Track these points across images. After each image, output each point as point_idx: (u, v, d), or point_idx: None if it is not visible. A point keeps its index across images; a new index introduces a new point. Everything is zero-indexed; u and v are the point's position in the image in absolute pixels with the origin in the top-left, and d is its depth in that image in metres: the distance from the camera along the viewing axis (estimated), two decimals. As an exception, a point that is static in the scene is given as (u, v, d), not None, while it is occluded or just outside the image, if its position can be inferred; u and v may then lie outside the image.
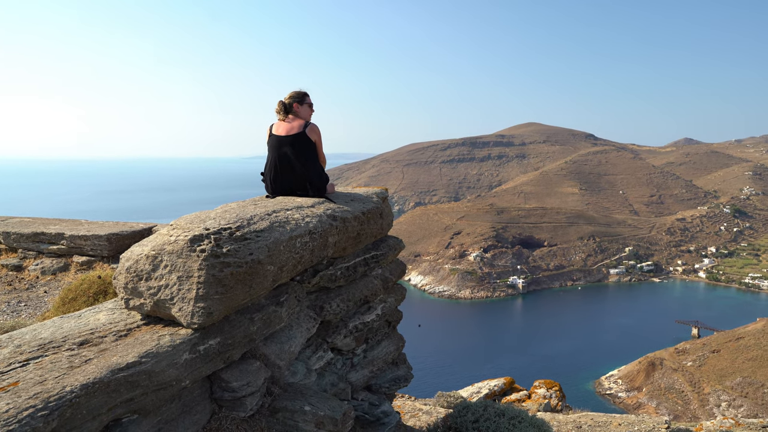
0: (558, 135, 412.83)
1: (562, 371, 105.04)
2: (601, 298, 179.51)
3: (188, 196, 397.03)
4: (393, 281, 7.46)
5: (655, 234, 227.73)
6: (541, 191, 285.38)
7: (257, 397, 4.58)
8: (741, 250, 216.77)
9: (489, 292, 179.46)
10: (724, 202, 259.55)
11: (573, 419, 12.36)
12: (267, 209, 5.36)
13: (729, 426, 11.03)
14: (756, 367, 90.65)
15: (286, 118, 6.85)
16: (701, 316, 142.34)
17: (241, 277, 4.34)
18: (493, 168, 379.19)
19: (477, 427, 6.01)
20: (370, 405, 6.82)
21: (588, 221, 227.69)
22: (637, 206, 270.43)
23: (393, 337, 7.51)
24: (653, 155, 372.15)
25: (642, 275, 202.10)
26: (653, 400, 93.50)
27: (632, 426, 11.71)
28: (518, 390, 15.94)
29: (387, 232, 7.54)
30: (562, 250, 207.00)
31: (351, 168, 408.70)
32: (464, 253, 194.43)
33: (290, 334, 5.33)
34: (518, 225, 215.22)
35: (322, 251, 5.56)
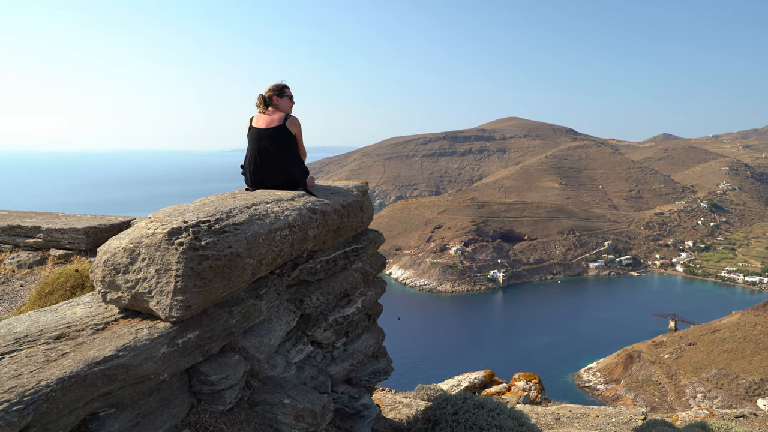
0: (539, 130, 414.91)
1: (542, 364, 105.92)
2: (580, 292, 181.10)
3: (167, 190, 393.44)
4: (373, 275, 7.47)
5: (634, 228, 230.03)
6: (521, 185, 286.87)
7: (236, 390, 4.57)
8: (717, 245, 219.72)
9: (470, 286, 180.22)
10: (702, 197, 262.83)
11: (552, 411, 12.47)
12: (246, 202, 5.33)
13: (703, 416, 11.20)
14: (731, 359, 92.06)
15: (266, 111, 6.79)
16: (678, 309, 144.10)
17: (220, 270, 4.32)
18: (474, 162, 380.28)
19: (456, 419, 6.04)
20: (350, 398, 6.83)
21: (568, 215, 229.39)
22: (616, 201, 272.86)
23: (373, 331, 7.52)
24: (632, 150, 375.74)
25: (621, 269, 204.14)
26: (631, 392, 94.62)
27: (610, 417, 11.85)
28: (498, 383, 16.04)
29: (367, 225, 7.54)
30: (542, 244, 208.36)
31: (332, 162, 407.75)
32: (445, 247, 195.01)
33: (270, 328, 5.32)
34: (499, 219, 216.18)
35: (301, 244, 5.55)
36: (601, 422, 11.53)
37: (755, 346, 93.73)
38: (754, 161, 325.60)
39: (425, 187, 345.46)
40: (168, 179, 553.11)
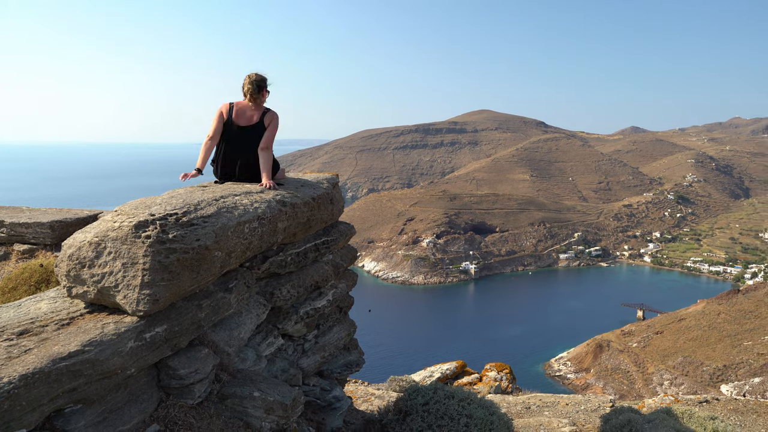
0: (510, 122, 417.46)
1: (513, 354, 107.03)
2: (551, 283, 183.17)
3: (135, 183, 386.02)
4: (344, 267, 7.46)
5: (603, 220, 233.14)
6: (493, 178, 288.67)
7: (206, 384, 4.53)
8: (683, 235, 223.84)
9: (442, 278, 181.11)
10: (668, 189, 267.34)
11: (522, 400, 12.61)
12: (215, 195, 5.28)
13: (669, 403, 11.43)
14: (696, 347, 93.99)
15: (250, 102, 6.66)
16: (646, 299, 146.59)
17: (188, 264, 4.27)
18: (445, 155, 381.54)
19: (427, 410, 6.07)
20: (321, 390, 6.83)
21: (539, 207, 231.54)
22: (585, 193, 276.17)
23: (344, 323, 7.52)
24: (601, 143, 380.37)
25: (590, 260, 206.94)
26: (600, 381, 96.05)
27: (579, 405, 12.01)
28: (470, 373, 16.17)
29: (338, 218, 7.52)
30: (514, 235, 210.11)
31: (304, 154, 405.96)
32: (417, 240, 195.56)
33: (240, 321, 5.28)
34: (470, 211, 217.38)
35: (271, 237, 5.51)
36: (570, 410, 11.69)
37: (719, 334, 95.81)
38: (719, 154, 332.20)
39: (397, 180, 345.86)
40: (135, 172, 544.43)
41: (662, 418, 7.01)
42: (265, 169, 6.45)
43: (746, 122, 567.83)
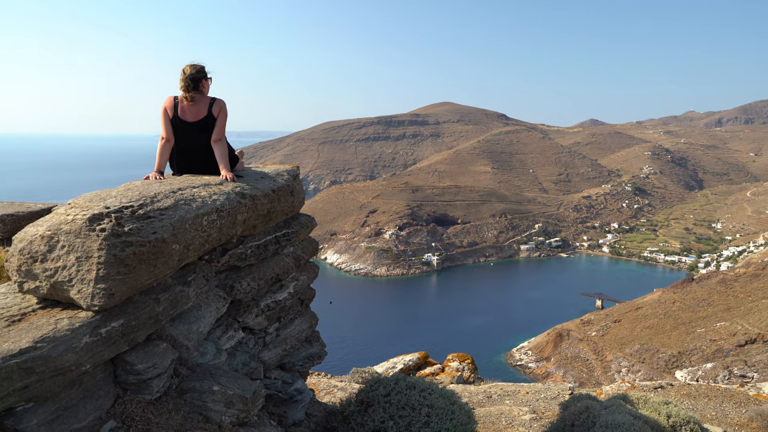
0: (471, 115, 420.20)
1: (476, 345, 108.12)
2: (512, 274, 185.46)
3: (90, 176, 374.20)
4: (305, 259, 7.42)
5: (563, 211, 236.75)
6: (454, 170, 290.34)
7: (164, 378, 4.47)
8: (641, 226, 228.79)
9: (404, 270, 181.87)
10: (626, 181, 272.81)
11: (484, 390, 12.74)
12: (172, 187, 5.19)
13: (625, 389, 11.69)
14: (652, 335, 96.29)
15: (191, 96, 6.43)
16: (604, 288, 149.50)
17: (145, 257, 4.19)
18: (408, 147, 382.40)
19: (389, 401, 6.09)
20: (283, 383, 6.79)
21: (500, 199, 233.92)
22: (546, 184, 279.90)
23: (306, 315, 7.49)
24: (561, 135, 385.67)
25: (550, 251, 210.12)
26: (561, 369, 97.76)
27: (539, 393, 12.20)
28: (432, 364, 16.29)
29: (299, 210, 7.46)
30: (475, 227, 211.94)
31: (265, 146, 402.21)
32: (380, 231, 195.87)
33: (199, 314, 5.21)
34: (433, 203, 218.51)
35: (230, 229, 5.44)
36: (530, 398, 11.86)
37: (674, 322, 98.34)
38: (674, 146, 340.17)
39: (359, 172, 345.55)
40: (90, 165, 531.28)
41: (618, 404, 7.15)
42: (222, 161, 6.34)
43: (700, 116, 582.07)
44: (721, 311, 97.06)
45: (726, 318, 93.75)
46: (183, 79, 6.40)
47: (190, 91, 6.41)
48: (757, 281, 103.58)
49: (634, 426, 6.28)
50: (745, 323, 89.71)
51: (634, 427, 6.24)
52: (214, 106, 6.48)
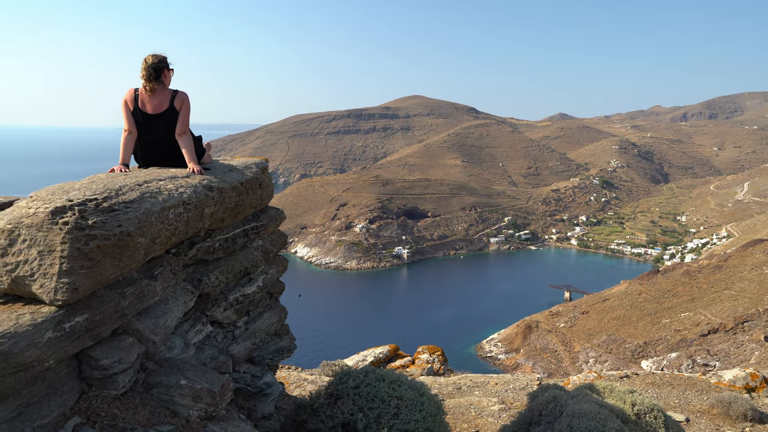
0: (441, 108, 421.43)
1: (446, 337, 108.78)
2: (482, 266, 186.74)
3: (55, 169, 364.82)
4: (274, 252, 7.39)
5: (532, 204, 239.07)
6: (425, 163, 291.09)
7: (130, 373, 4.41)
8: (608, 219, 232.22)
9: (375, 263, 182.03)
10: (594, 174, 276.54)
11: (453, 381, 12.84)
12: (138, 179, 5.11)
13: (592, 379, 11.88)
14: (619, 326, 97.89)
15: (152, 87, 6.31)
16: (573, 280, 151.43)
17: (110, 250, 4.12)
18: (378, 140, 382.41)
19: (358, 393, 6.10)
20: (252, 377, 6.76)
21: (470, 192, 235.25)
22: (515, 178, 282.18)
23: (275, 309, 7.46)
24: (531, 129, 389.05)
25: (520, 243, 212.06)
26: (530, 360, 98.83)
27: (508, 384, 12.33)
28: (403, 356, 16.36)
29: (267, 203, 7.42)
30: (446, 220, 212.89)
31: (234, 139, 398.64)
32: (350, 225, 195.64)
33: (166, 308, 5.16)
34: (403, 196, 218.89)
35: (198, 223, 5.39)
36: (499, 389, 11.99)
37: (640, 313, 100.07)
38: (641, 140, 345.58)
39: (330, 165, 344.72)
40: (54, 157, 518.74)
41: (585, 394, 7.27)
42: (188, 154, 6.26)
43: (666, 110, 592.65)
44: (685, 302, 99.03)
45: (690, 308, 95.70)
46: (144, 68, 6.27)
47: (152, 81, 6.29)
48: (720, 272, 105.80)
49: (599, 414, 6.38)
50: (708, 313, 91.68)
51: (600, 415, 6.35)
52: (176, 98, 6.38)
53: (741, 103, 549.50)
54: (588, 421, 6.25)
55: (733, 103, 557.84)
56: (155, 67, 6.30)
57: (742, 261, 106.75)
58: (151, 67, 6.27)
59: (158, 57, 6.38)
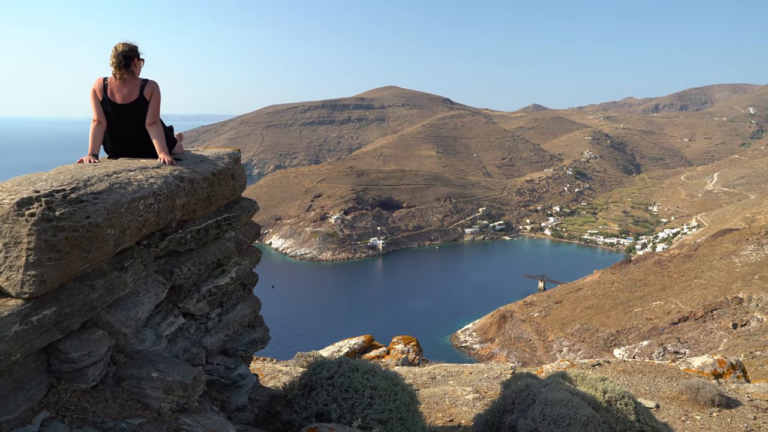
0: (416, 99, 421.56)
1: (421, 327, 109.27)
2: (456, 257, 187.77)
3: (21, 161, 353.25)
4: (247, 243, 7.34)
5: (506, 195, 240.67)
6: (399, 154, 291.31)
7: (100, 366, 4.35)
8: (581, 209, 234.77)
9: (350, 254, 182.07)
10: (567, 165, 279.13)
11: (428, 371, 12.91)
12: (107, 170, 5.04)
13: (565, 367, 12.03)
14: (592, 315, 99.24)
15: (122, 75, 6.22)
16: (547, 270, 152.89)
17: (78, 242, 4.06)
18: (353, 131, 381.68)
19: (332, 383, 6.11)
20: (225, 369, 6.74)
21: (444, 183, 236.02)
22: (490, 168, 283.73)
23: (249, 300, 7.42)
24: (505, 120, 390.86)
25: (494, 234, 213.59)
26: (504, 350, 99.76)
27: (482, 373, 12.44)
28: (378, 347, 16.41)
29: (240, 193, 7.37)
30: (420, 211, 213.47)
31: (208, 130, 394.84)
32: (325, 216, 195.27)
33: (137, 301, 5.10)
34: (378, 187, 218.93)
35: (169, 214, 5.33)
36: (473, 378, 12.09)
37: (613, 302, 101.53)
38: (614, 131, 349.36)
39: (304, 156, 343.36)
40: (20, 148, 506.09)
41: (557, 382, 7.36)
42: (159, 144, 6.19)
43: (638, 102, 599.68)
44: (657, 291, 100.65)
45: (661, 297, 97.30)
46: (114, 56, 6.18)
47: (121, 69, 6.19)
48: (690, 262, 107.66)
49: (571, 402, 6.47)
50: (678, 302, 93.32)
51: (572, 403, 6.43)
52: (146, 88, 6.29)
53: (711, 95, 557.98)
54: (560, 408, 6.33)
55: (704, 95, 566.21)
56: (125, 54, 6.21)
57: (711, 250, 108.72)
58: (121, 55, 6.18)
59: (129, 45, 6.30)
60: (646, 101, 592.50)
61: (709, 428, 9.27)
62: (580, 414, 6.31)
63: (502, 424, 6.88)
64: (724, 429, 9.24)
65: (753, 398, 10.48)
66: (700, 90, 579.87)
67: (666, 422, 8.69)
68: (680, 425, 9.34)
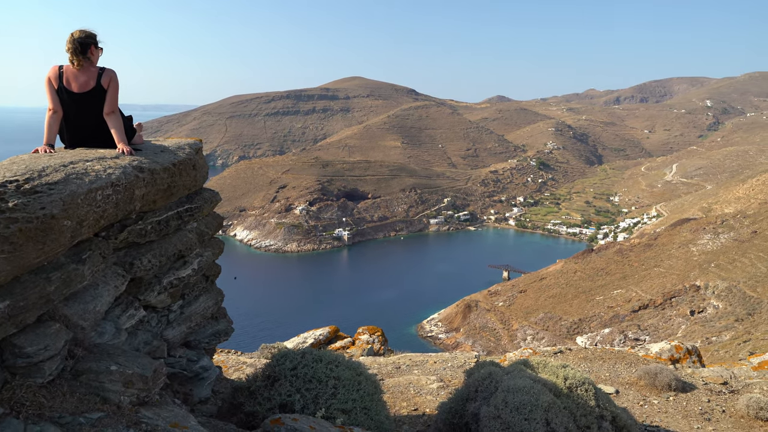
0: (381, 90, 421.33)
1: (387, 318, 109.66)
2: (422, 247, 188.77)
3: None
4: (210, 235, 7.26)
5: (471, 185, 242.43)
6: (364, 145, 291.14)
7: (57, 360, 4.27)
8: (544, 200, 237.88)
9: (315, 245, 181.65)
10: (531, 156, 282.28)
11: (393, 361, 12.97)
12: (63, 160, 4.93)
13: (527, 355, 12.21)
14: (555, 303, 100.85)
15: (79, 62, 6.08)
16: (511, 260, 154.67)
17: (32, 234, 3.96)
18: (318, 121, 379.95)
19: (295, 374, 6.10)
20: (188, 361, 6.68)
21: (410, 174, 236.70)
22: (454, 159, 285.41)
23: (211, 292, 7.36)
24: (470, 111, 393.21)
25: (459, 224, 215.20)
26: (470, 339, 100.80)
27: (446, 363, 12.54)
28: (343, 337, 16.44)
29: (202, 184, 7.27)
30: (386, 201, 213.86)
31: (170, 120, 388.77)
32: (290, 207, 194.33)
33: (95, 293, 5.01)
34: (343, 178, 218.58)
35: (128, 205, 5.24)
36: (438, 367, 12.19)
37: (575, 291, 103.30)
38: (576, 123, 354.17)
39: (269, 147, 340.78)
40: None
41: (520, 369, 7.46)
42: (118, 134, 6.07)
43: (600, 94, 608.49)
44: (618, 279, 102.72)
45: (622, 286, 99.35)
46: (70, 41, 6.02)
47: (78, 56, 6.04)
48: (650, 251, 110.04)
49: (533, 389, 6.56)
50: (638, 290, 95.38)
51: (533, 389, 6.53)
52: (103, 76, 6.15)
53: (670, 88, 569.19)
54: (522, 395, 6.43)
55: (663, 88, 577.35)
56: (81, 41, 6.05)
57: (670, 239, 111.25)
58: (77, 41, 6.02)
59: (86, 32, 6.14)
60: (608, 93, 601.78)
61: (665, 412, 9.51)
62: (542, 400, 6.42)
63: (465, 412, 6.96)
64: (680, 412, 9.49)
65: (707, 382, 10.79)
66: (660, 83, 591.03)
67: (625, 407, 8.89)
68: (638, 409, 9.57)
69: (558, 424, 6.36)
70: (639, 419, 9.06)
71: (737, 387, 10.48)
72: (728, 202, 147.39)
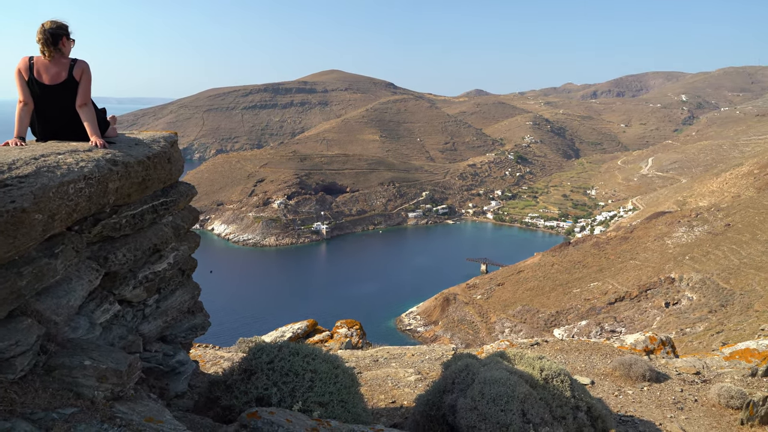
0: (359, 83, 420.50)
1: (366, 311, 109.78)
2: (400, 241, 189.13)
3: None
4: (186, 228, 7.21)
5: (449, 179, 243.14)
6: (343, 138, 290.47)
7: (29, 356, 4.21)
8: (522, 193, 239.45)
9: (294, 239, 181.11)
10: (509, 150, 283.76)
11: (371, 354, 13.00)
12: (34, 153, 4.86)
13: (504, 347, 12.31)
14: (533, 296, 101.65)
15: (50, 53, 5.98)
16: (489, 253, 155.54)
17: (2, 228, 3.91)
18: (295, 115, 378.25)
19: (272, 367, 6.10)
20: (164, 356, 6.64)
21: (388, 167, 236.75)
22: (433, 153, 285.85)
23: (188, 286, 7.31)
24: (448, 105, 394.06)
25: (437, 218, 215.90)
26: (448, 332, 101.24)
27: (424, 355, 12.60)
28: (321, 331, 16.45)
29: (177, 178, 7.21)
30: (364, 195, 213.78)
31: (147, 114, 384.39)
32: (268, 201, 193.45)
33: (69, 288, 4.95)
34: (321, 172, 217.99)
35: (101, 198, 5.18)
36: (416, 360, 12.24)
37: (553, 283, 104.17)
38: (554, 117, 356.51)
39: (246, 140, 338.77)
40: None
41: (496, 361, 7.53)
42: (91, 127, 5.99)
43: (577, 88, 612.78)
44: (595, 272, 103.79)
45: (599, 278, 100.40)
46: (41, 32, 5.92)
47: (49, 47, 5.95)
48: (626, 243, 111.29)
49: (509, 380, 6.62)
50: (615, 283, 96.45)
51: (510, 381, 6.59)
52: (75, 68, 6.06)
53: (646, 82, 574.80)
54: (498, 387, 6.49)
55: (639, 82, 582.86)
56: (52, 32, 5.96)
57: (646, 232, 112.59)
58: (48, 32, 5.93)
59: (57, 23, 6.05)
60: (585, 87, 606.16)
61: (640, 401, 9.66)
62: (518, 392, 6.48)
63: (442, 404, 7.01)
64: (654, 402, 9.64)
65: (681, 372, 10.96)
66: (636, 77, 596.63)
67: (600, 398, 9.00)
68: (613, 400, 9.70)
69: (534, 415, 6.43)
70: (614, 409, 9.19)
71: (709, 377, 10.67)
72: (702, 196, 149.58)
